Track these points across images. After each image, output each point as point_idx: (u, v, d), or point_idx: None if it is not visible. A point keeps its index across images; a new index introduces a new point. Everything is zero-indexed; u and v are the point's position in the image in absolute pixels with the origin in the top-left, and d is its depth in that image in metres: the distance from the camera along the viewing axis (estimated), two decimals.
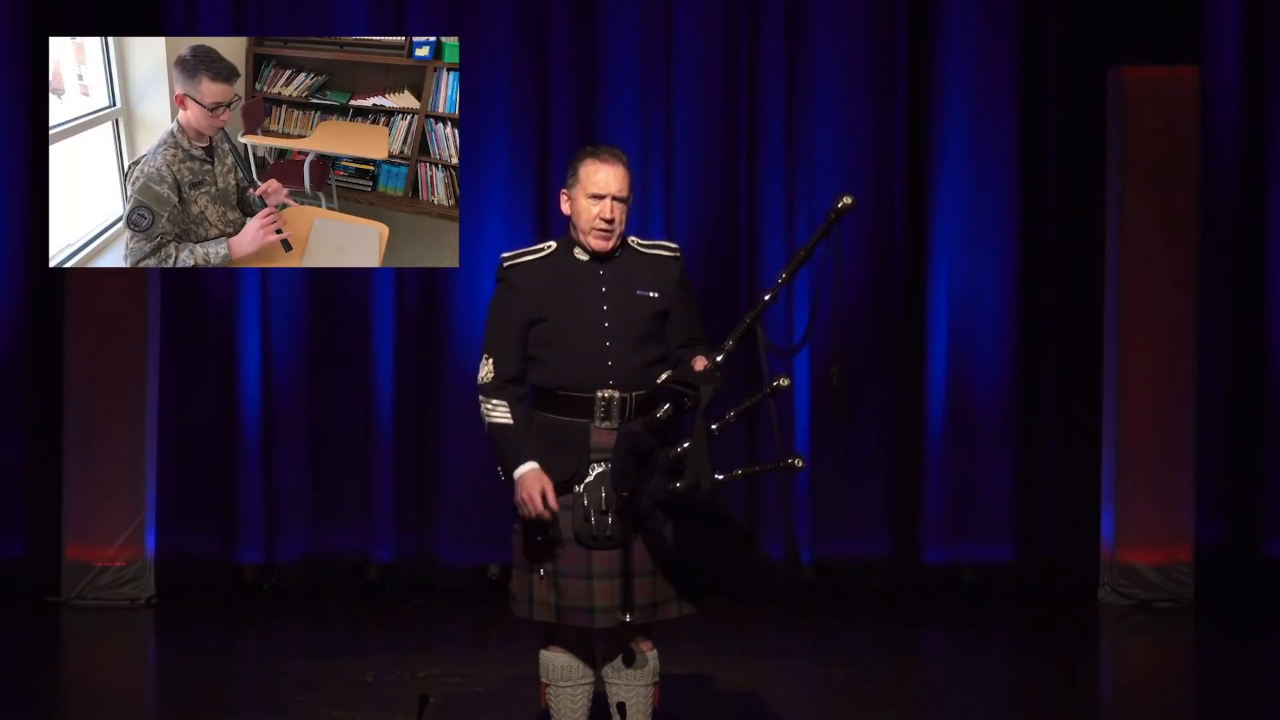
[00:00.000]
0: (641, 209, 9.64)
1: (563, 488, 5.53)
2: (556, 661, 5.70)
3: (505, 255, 5.64)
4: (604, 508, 5.49)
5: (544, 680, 5.73)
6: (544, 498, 5.45)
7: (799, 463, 5.49)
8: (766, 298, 5.48)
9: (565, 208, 5.61)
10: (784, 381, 5.47)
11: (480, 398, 5.58)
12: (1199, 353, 9.59)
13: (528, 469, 5.49)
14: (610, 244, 5.57)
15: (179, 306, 9.71)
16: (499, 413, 5.54)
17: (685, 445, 5.41)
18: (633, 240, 5.66)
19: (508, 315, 5.57)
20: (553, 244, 5.64)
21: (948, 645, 9.11)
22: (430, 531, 9.83)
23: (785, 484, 8.75)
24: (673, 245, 5.75)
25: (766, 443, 9.39)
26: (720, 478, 5.42)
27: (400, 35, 9.48)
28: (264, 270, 9.59)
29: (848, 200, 5.48)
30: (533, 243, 5.82)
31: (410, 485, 9.84)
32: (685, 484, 5.36)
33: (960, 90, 9.81)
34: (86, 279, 9.29)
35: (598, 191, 5.53)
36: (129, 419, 9.41)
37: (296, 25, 9.58)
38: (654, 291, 5.59)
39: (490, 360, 5.56)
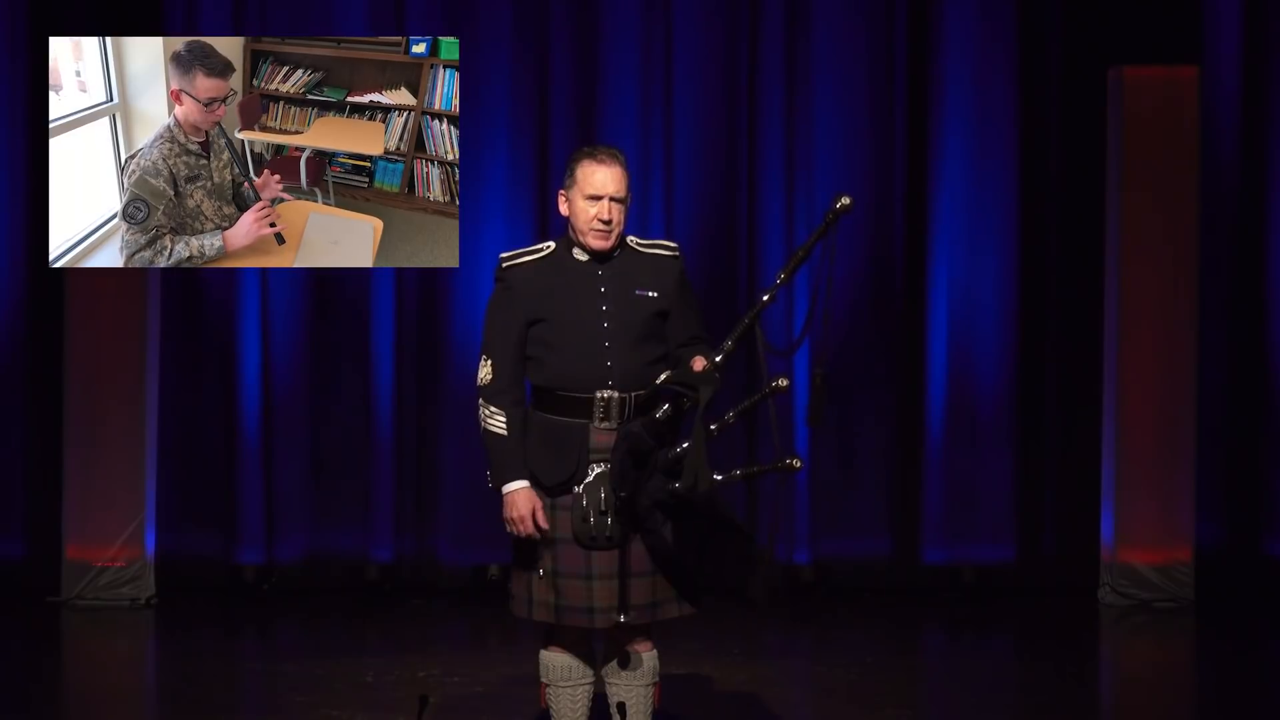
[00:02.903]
0: (641, 209, 9.64)
1: (562, 488, 5.53)
2: (556, 661, 5.70)
3: (504, 255, 5.64)
4: (603, 508, 5.49)
5: (544, 680, 5.73)
6: (534, 517, 5.48)
7: (797, 463, 5.48)
8: (765, 298, 5.48)
9: (563, 209, 5.61)
10: (783, 382, 5.46)
11: (479, 401, 5.57)
12: (1199, 353, 9.59)
13: (519, 487, 5.51)
14: (609, 244, 5.57)
15: (179, 306, 9.71)
16: (496, 421, 5.54)
17: (684, 446, 5.41)
18: (632, 240, 5.66)
19: (507, 316, 5.57)
20: (552, 244, 5.64)
21: (948, 645, 9.11)
22: (430, 531, 9.83)
23: (783, 484, 8.76)
24: (672, 245, 5.75)
25: (766, 444, 9.39)
26: (719, 478, 5.42)
27: (400, 35, 9.48)
28: (264, 270, 9.59)
29: (846, 200, 5.47)
30: (532, 242, 5.83)
31: (410, 485, 9.84)
32: (683, 485, 5.35)
33: (960, 90, 9.80)
34: (86, 279, 9.29)
35: (595, 192, 5.53)
36: (129, 419, 9.41)
37: (296, 25, 9.58)
38: (653, 291, 5.59)
39: (489, 362, 5.56)
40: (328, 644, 8.71)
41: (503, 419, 5.53)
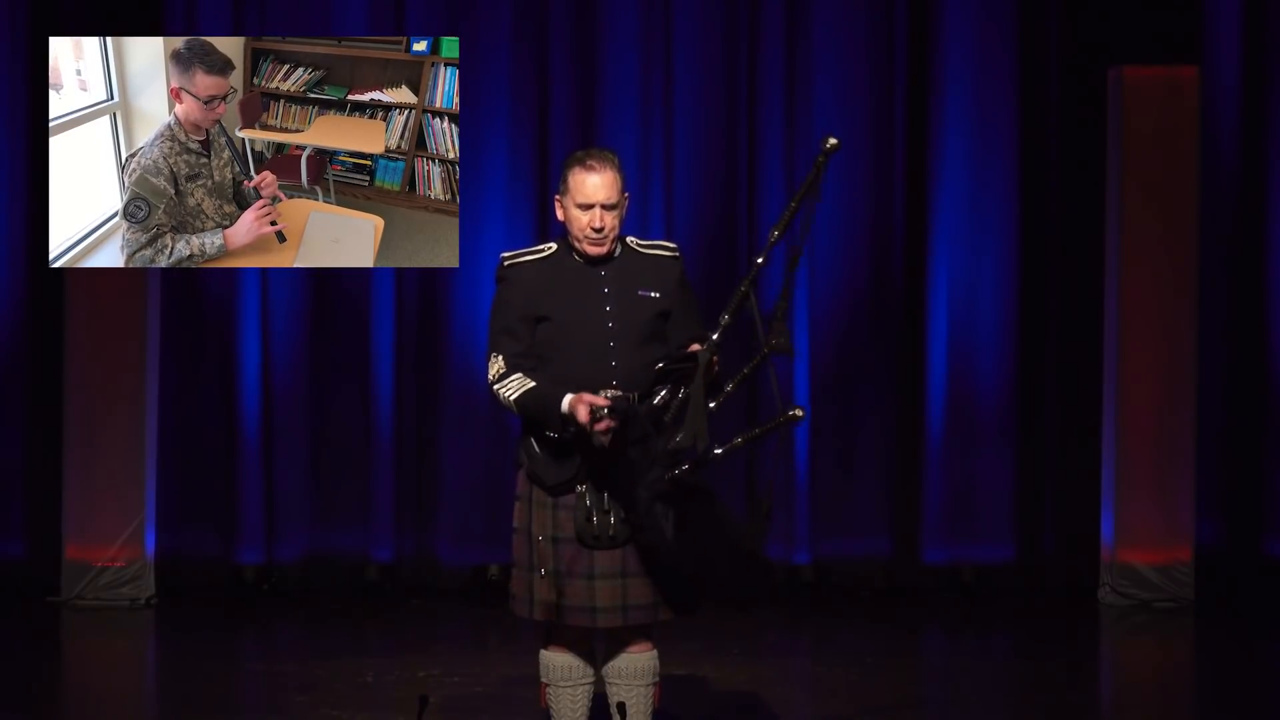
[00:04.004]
0: (641, 209, 9.64)
1: (564, 487, 5.52)
2: (556, 661, 5.69)
3: (505, 255, 5.64)
4: (605, 507, 5.49)
5: (544, 680, 5.72)
6: (593, 411, 5.36)
7: (799, 412, 5.42)
8: (759, 260, 5.47)
9: (559, 214, 5.60)
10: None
11: (495, 388, 5.52)
12: (1199, 353, 9.59)
13: (568, 400, 5.41)
14: (603, 249, 5.56)
15: (179, 306, 9.70)
16: (518, 383, 5.48)
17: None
18: (631, 240, 5.65)
19: (512, 313, 5.55)
20: (553, 245, 5.64)
21: (948, 645, 9.11)
22: (430, 531, 9.83)
23: (786, 482, 8.70)
24: (671, 245, 5.74)
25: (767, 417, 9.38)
26: (719, 452, 5.39)
27: (399, 34, 9.48)
28: (264, 270, 9.59)
29: (834, 140, 5.44)
30: (533, 242, 5.83)
31: (410, 485, 9.83)
32: (682, 442, 5.30)
33: (960, 90, 9.80)
34: (86, 279, 9.28)
35: (585, 200, 5.52)
36: (129, 419, 9.41)
37: (296, 25, 9.57)
38: (655, 292, 5.58)
39: (500, 357, 5.52)
40: (328, 644, 8.70)
41: (521, 377, 5.47)
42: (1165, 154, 9.52)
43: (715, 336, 5.39)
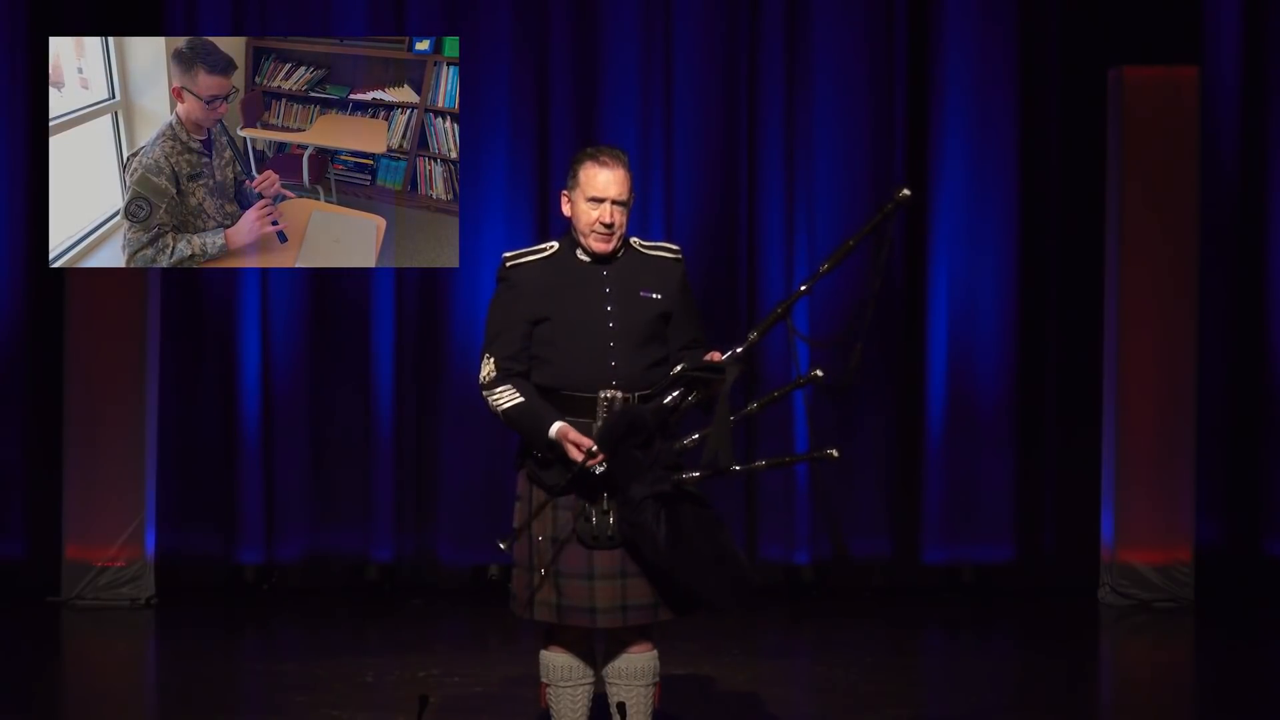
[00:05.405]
0: (641, 209, 9.64)
1: (564, 488, 5.51)
2: (556, 661, 5.69)
3: (507, 255, 5.63)
4: (605, 507, 5.48)
5: (544, 680, 5.72)
6: (581, 447, 5.38)
7: (835, 452, 5.44)
8: (803, 288, 5.46)
9: (566, 209, 5.59)
10: (819, 372, 5.45)
11: (485, 394, 5.52)
12: (1199, 353, 9.59)
13: (557, 428, 5.42)
14: (611, 246, 5.55)
15: (179, 306, 9.71)
16: (508, 396, 5.48)
17: (694, 437, 5.40)
18: (634, 241, 5.65)
19: (511, 315, 5.54)
20: (555, 244, 5.63)
21: (948, 645, 9.11)
22: (430, 531, 9.83)
23: (786, 483, 8.69)
24: (674, 247, 5.73)
25: (766, 443, 9.38)
26: (737, 469, 5.40)
27: (399, 34, 9.48)
28: (264, 270, 9.59)
29: (906, 191, 5.44)
30: (533, 241, 5.82)
31: (410, 485, 9.84)
32: (704, 461, 5.32)
33: (960, 90, 9.81)
34: (87, 278, 9.28)
35: (597, 195, 5.51)
36: (129, 418, 9.41)
37: (296, 25, 9.57)
38: (657, 293, 5.57)
39: (492, 359, 5.53)
40: (328, 644, 8.70)
41: (513, 391, 5.47)
42: (1165, 154, 9.52)
43: (740, 351, 5.39)
